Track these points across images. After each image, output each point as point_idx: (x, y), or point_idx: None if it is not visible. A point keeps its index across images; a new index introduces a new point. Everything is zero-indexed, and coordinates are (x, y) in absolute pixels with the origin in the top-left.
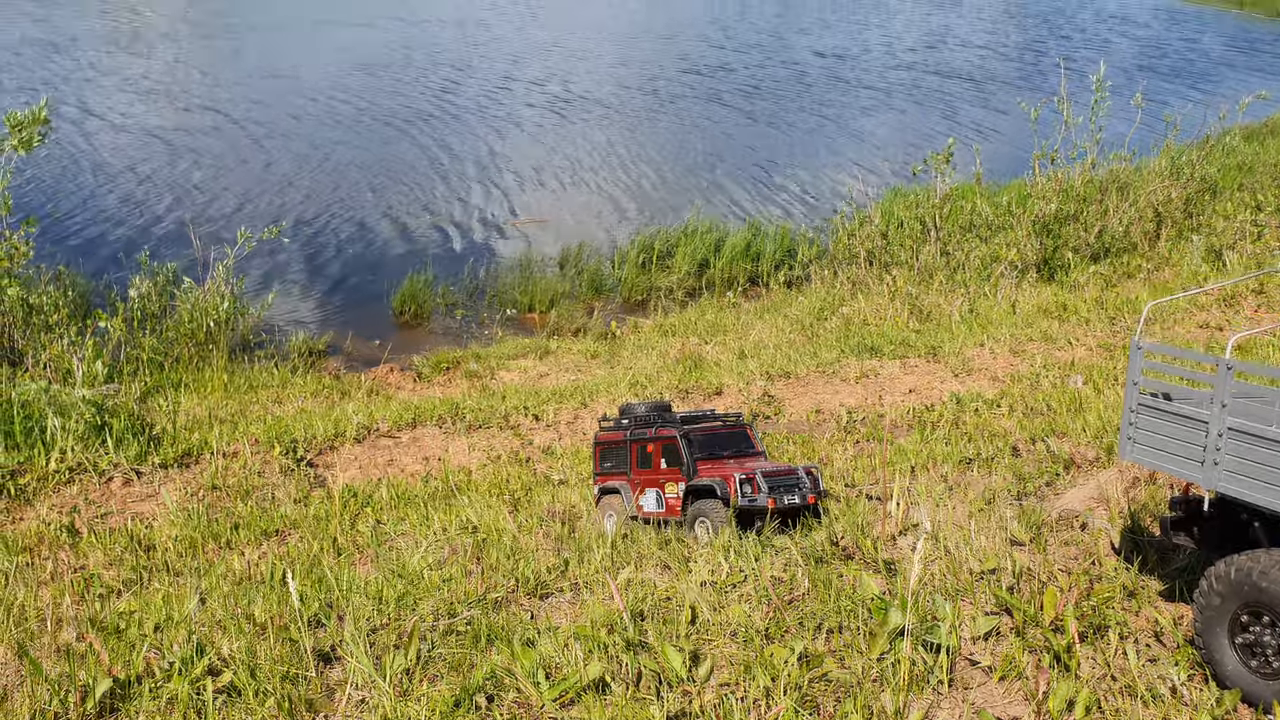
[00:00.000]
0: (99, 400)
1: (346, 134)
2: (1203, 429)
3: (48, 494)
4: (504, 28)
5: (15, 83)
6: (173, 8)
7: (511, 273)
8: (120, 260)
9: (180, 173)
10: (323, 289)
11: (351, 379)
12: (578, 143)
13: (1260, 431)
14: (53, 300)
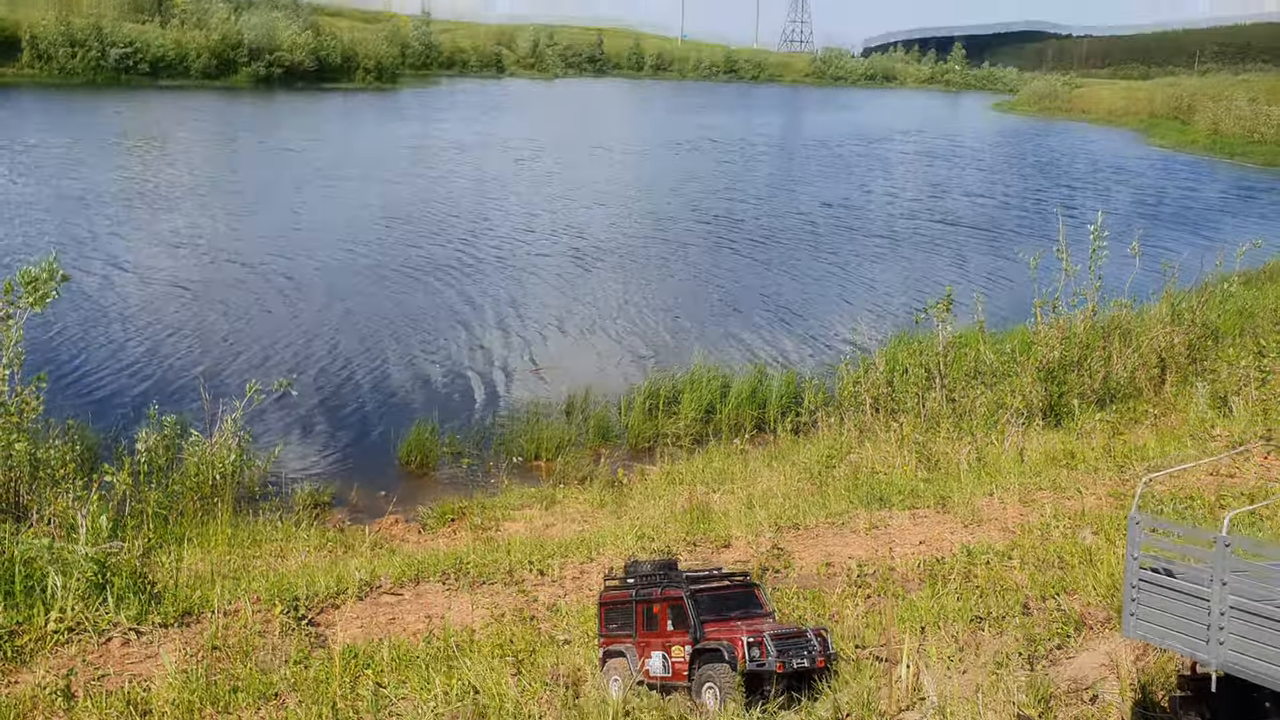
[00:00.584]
0: (101, 558)
1: (363, 284)
2: (1205, 606)
3: (45, 655)
4: (520, 182)
5: (45, 238)
6: (199, 166)
7: (518, 420)
8: (130, 412)
9: (199, 324)
10: (330, 439)
11: (356, 531)
12: (588, 290)
13: (1263, 610)
14: (60, 454)
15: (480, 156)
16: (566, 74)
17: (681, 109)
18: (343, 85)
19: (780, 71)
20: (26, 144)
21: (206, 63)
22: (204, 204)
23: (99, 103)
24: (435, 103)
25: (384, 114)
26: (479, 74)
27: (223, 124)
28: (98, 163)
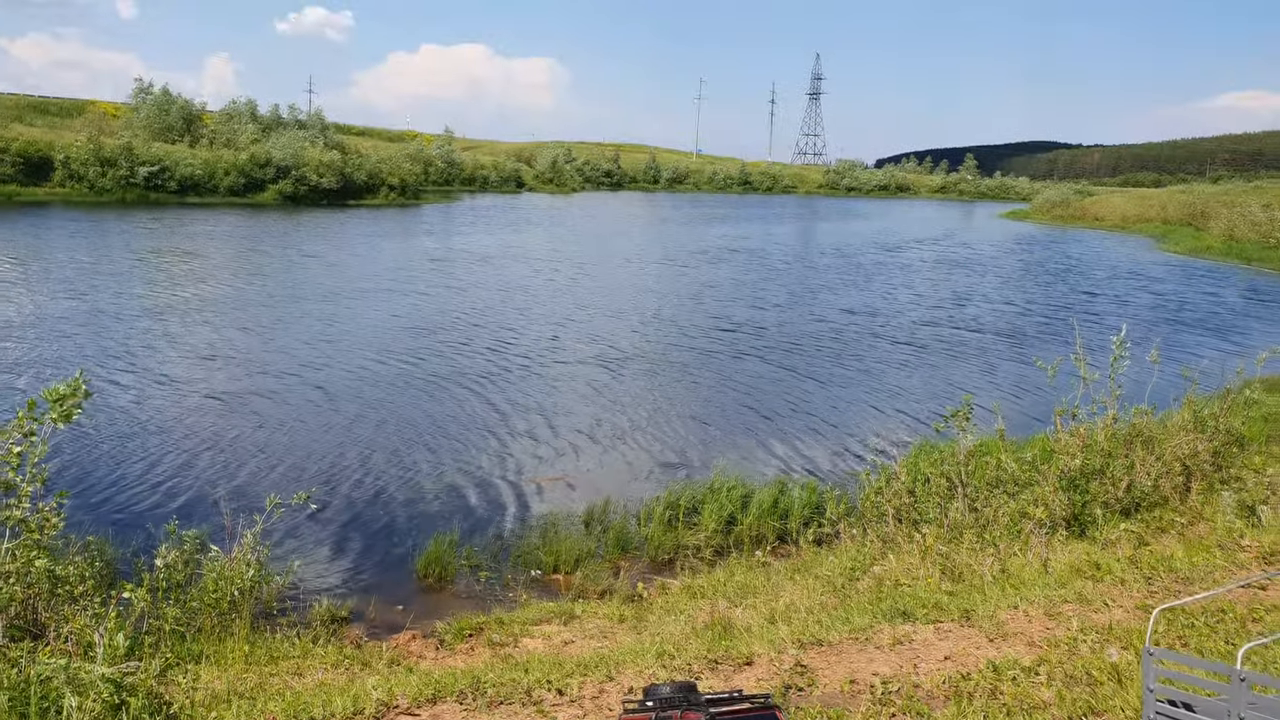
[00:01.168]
0: (118, 677)
1: (388, 393)
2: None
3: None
4: (542, 292)
5: (77, 352)
6: (228, 279)
7: (536, 532)
8: (151, 527)
9: (223, 436)
10: (349, 552)
11: (373, 648)
12: (609, 398)
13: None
14: (79, 570)
15: (503, 267)
16: (584, 188)
17: (698, 220)
18: (367, 202)
19: (795, 183)
20: (59, 260)
21: (234, 181)
22: (233, 316)
23: (128, 220)
24: (458, 217)
25: (408, 229)
26: (499, 189)
27: (251, 239)
28: (128, 278)
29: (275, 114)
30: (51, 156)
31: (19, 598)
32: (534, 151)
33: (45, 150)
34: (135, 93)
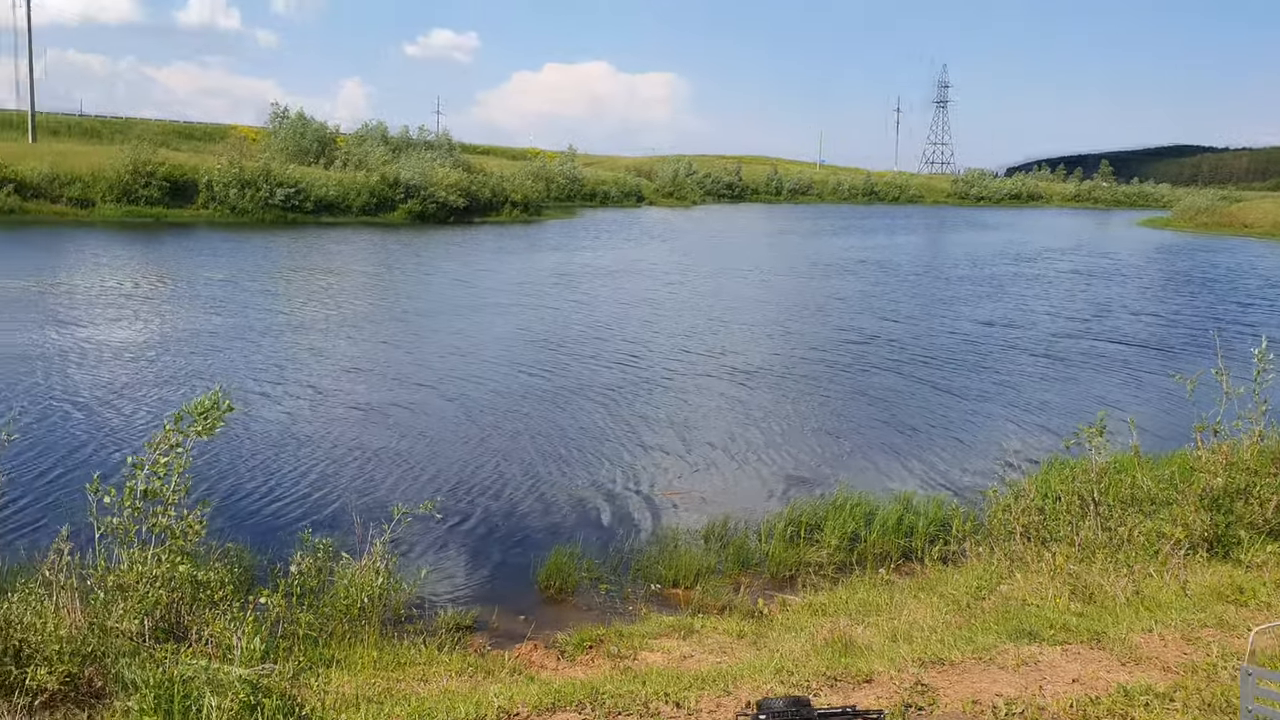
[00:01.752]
0: (254, 679)
1: (514, 406)
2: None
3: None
4: (666, 305)
5: (222, 366)
6: (362, 295)
7: (656, 546)
8: (286, 535)
9: (357, 447)
10: (474, 561)
11: (496, 657)
12: (733, 412)
13: None
14: (220, 576)
15: (626, 281)
16: (705, 201)
17: (823, 231)
18: (491, 219)
19: (921, 193)
20: (206, 279)
21: (366, 201)
22: (369, 331)
23: (268, 239)
24: (580, 232)
25: (532, 244)
26: (619, 204)
27: (383, 257)
28: (271, 294)
29: (405, 135)
30: (195, 179)
31: (164, 601)
32: (654, 166)
33: (190, 174)
34: (273, 117)
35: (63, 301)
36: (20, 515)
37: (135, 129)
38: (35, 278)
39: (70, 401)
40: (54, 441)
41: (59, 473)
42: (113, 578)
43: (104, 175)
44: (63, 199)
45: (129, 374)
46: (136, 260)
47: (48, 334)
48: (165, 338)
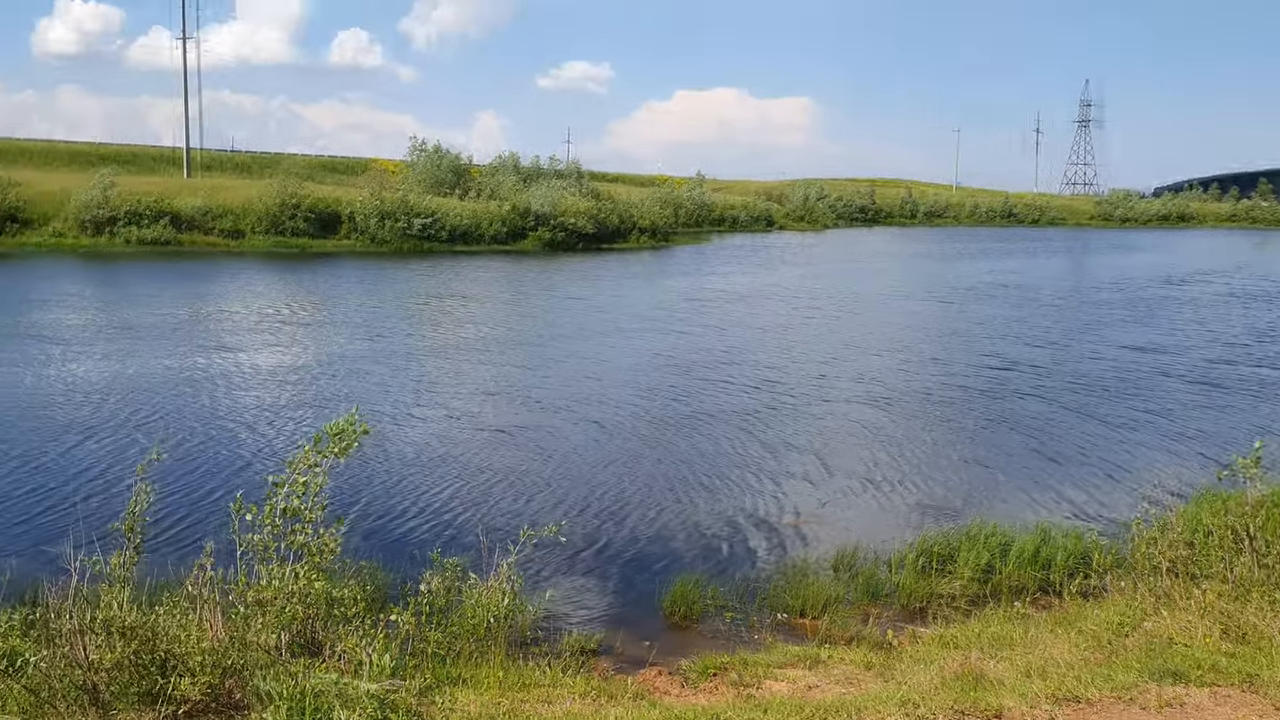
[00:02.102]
0: (381, 695)
1: (645, 430)
2: None
3: None
4: (799, 330)
5: (362, 389)
6: (495, 321)
7: (782, 575)
8: (417, 554)
9: (490, 468)
10: (600, 585)
11: (619, 681)
12: (866, 439)
13: None
14: (353, 593)
15: (758, 305)
16: (836, 225)
17: (960, 255)
18: (619, 246)
19: (1063, 215)
20: (350, 305)
21: (498, 229)
22: (504, 355)
23: (406, 268)
24: (709, 257)
25: (661, 270)
26: (749, 229)
27: (516, 283)
28: (411, 320)
29: (536, 165)
30: (339, 211)
31: (300, 616)
32: (785, 190)
33: (333, 206)
34: (412, 150)
35: (217, 328)
36: (170, 531)
37: (283, 164)
38: (191, 306)
39: (222, 423)
40: (205, 461)
41: (208, 491)
42: (252, 593)
43: (254, 208)
44: (215, 231)
45: (277, 397)
46: (285, 289)
47: (203, 359)
48: (312, 362)
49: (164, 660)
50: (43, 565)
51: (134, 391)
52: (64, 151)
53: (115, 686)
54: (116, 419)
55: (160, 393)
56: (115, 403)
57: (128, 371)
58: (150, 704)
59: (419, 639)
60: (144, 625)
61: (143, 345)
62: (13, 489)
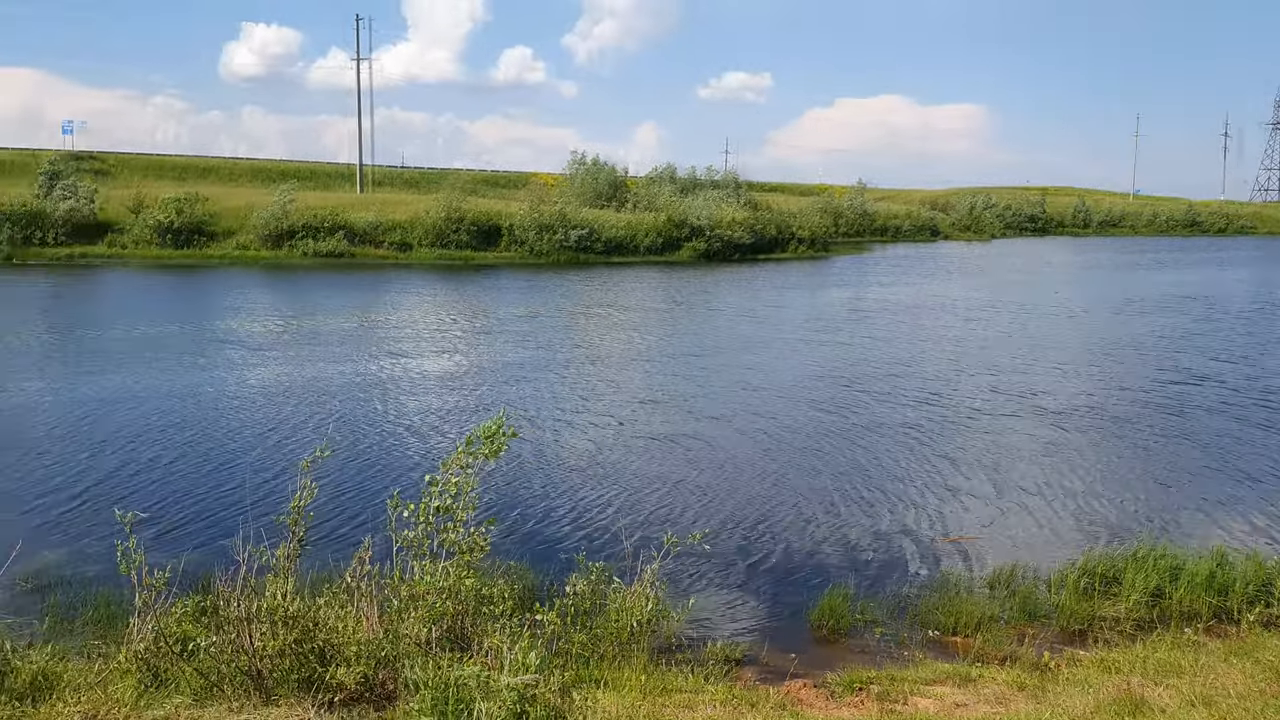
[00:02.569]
0: (521, 689)
1: (798, 440)
2: None
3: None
4: (968, 343)
5: (519, 395)
6: (651, 330)
7: (936, 592)
8: (564, 557)
9: (640, 475)
10: (747, 595)
11: (762, 691)
12: (1035, 455)
13: None
14: (501, 592)
15: (923, 317)
16: (1004, 235)
17: (1137, 265)
18: (776, 256)
19: (1253, 223)
20: (510, 315)
21: (653, 240)
22: (660, 365)
23: (562, 279)
24: (870, 267)
25: (820, 280)
26: (912, 239)
27: (670, 293)
28: (564, 329)
29: (692, 176)
30: (499, 224)
31: (450, 612)
32: (950, 198)
33: (494, 219)
34: (571, 164)
35: (386, 336)
36: (332, 526)
37: (449, 179)
38: (363, 315)
39: (389, 426)
40: (370, 461)
41: (370, 489)
42: (406, 588)
43: (421, 222)
44: (385, 244)
45: (442, 401)
46: (449, 299)
47: (373, 365)
48: (474, 368)
49: (322, 649)
50: (217, 556)
51: (309, 395)
52: (246, 168)
53: (277, 673)
54: (293, 420)
55: (332, 396)
56: (292, 405)
57: (304, 375)
58: (309, 691)
59: (563, 639)
60: (305, 615)
61: (318, 351)
62: (194, 486)
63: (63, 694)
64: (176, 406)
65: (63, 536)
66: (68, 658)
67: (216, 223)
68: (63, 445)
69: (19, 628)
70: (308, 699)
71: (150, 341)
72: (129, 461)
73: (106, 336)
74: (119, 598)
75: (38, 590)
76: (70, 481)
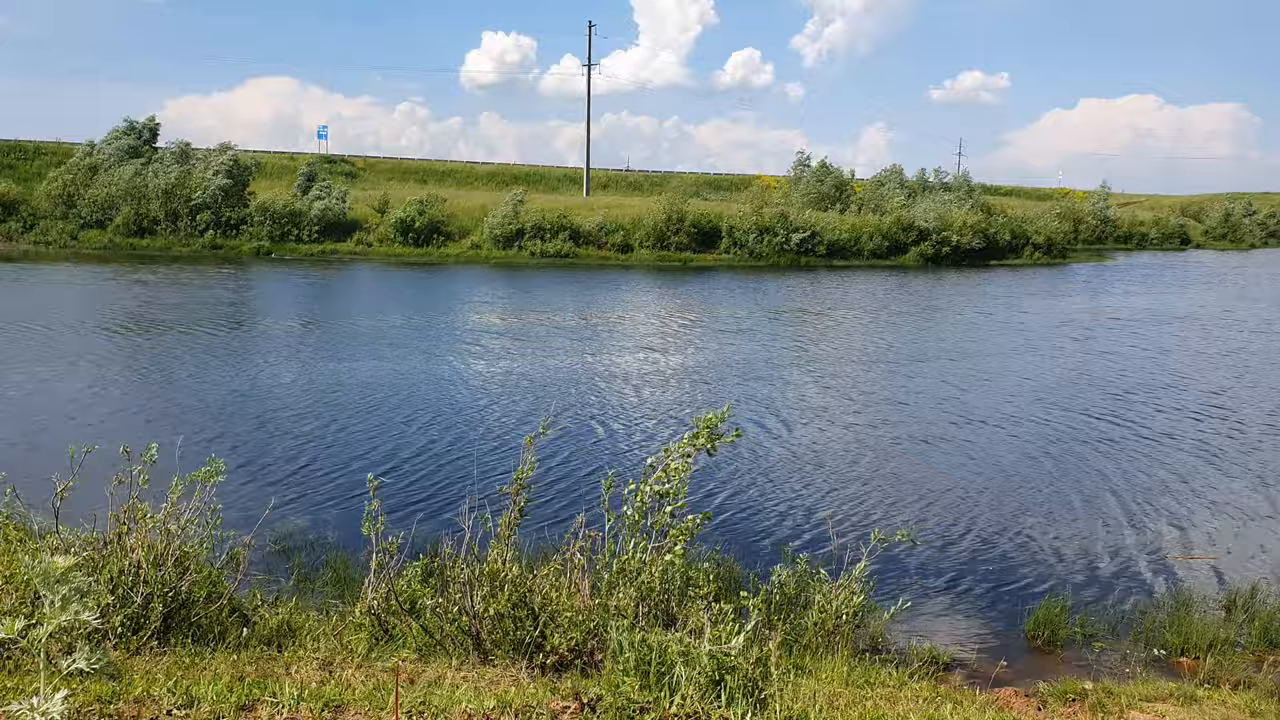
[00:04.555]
0: (720, 658)
1: (1022, 449)
2: None
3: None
4: (1242, 359)
5: (735, 394)
6: (872, 335)
7: (1163, 610)
8: (770, 548)
9: (853, 475)
10: (958, 600)
11: (968, 693)
12: (1273, 475)
13: None
14: (706, 574)
15: (1182, 328)
16: (1267, 244)
17: None
18: (1009, 262)
19: None
20: (727, 315)
21: (878, 244)
22: (890, 369)
23: (783, 281)
24: (1112, 276)
25: (1060, 287)
26: (1159, 247)
27: (893, 299)
28: (787, 329)
29: (921, 178)
30: (719, 226)
31: (657, 589)
32: (1203, 205)
33: (714, 221)
34: (795, 165)
35: (605, 332)
36: (553, 503)
37: (671, 182)
38: (585, 313)
39: (605, 415)
40: (589, 446)
41: (586, 471)
42: (617, 563)
43: (642, 224)
44: (607, 245)
45: (658, 396)
46: (666, 298)
47: (592, 359)
48: (692, 366)
49: (537, 616)
50: (446, 526)
51: (534, 384)
52: (481, 172)
53: (495, 635)
54: (520, 407)
55: (555, 386)
56: (519, 393)
57: (529, 367)
58: (522, 654)
59: (767, 625)
60: (523, 582)
61: (541, 345)
62: (427, 463)
63: (303, 641)
64: (417, 391)
65: (307, 505)
66: (309, 611)
67: (453, 223)
68: (309, 424)
69: (268, 584)
70: (521, 661)
71: (394, 331)
72: (369, 439)
73: (356, 326)
74: (355, 561)
75: (284, 552)
76: (315, 457)
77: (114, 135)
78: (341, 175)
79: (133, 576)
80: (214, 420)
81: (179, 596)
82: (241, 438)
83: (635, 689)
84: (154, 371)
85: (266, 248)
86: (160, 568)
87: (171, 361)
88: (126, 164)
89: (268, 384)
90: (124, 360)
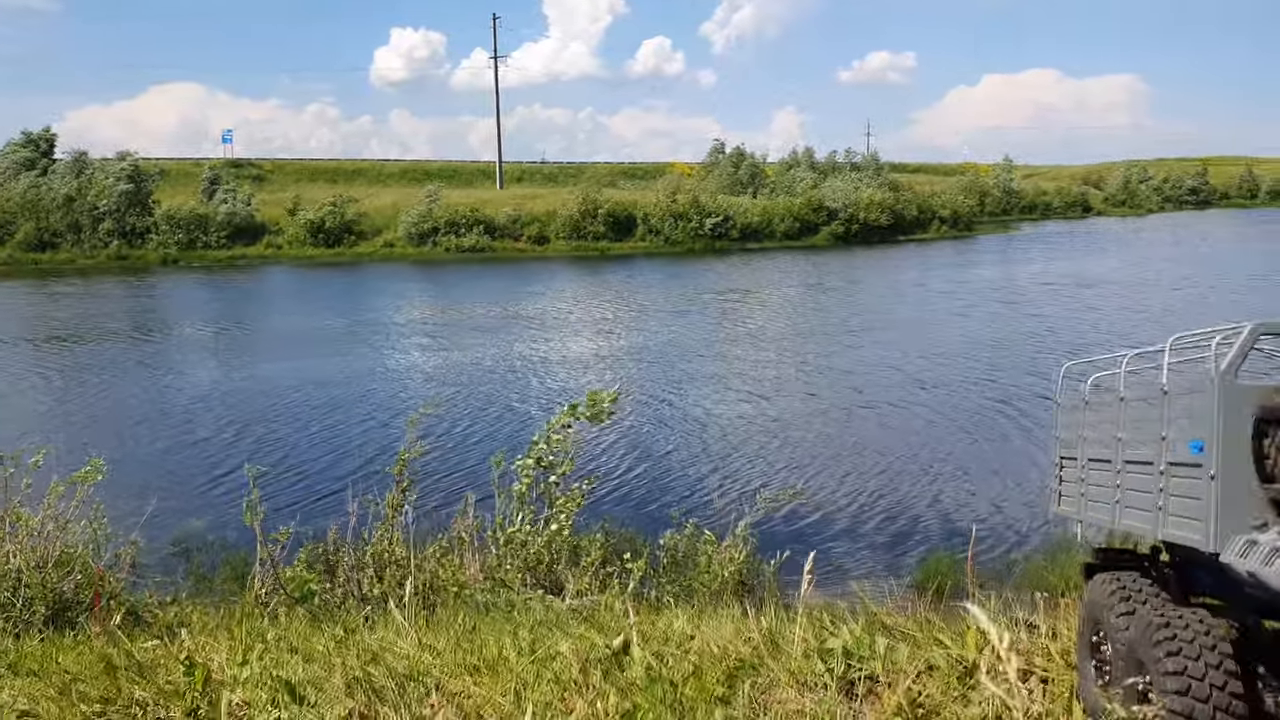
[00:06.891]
0: (578, 609)
1: (914, 418)
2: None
3: None
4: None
5: (676, 376)
6: (785, 314)
7: (1046, 556)
8: (657, 513)
9: (745, 445)
10: (848, 556)
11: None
12: None
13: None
14: (593, 542)
15: (1078, 294)
16: (1162, 209)
17: None
18: (917, 237)
19: None
20: (646, 301)
21: (789, 225)
22: (786, 346)
23: (697, 266)
24: (1018, 246)
25: (964, 258)
26: (1062, 216)
27: (806, 278)
28: (697, 315)
29: (831, 159)
30: (634, 214)
31: (545, 559)
32: (1103, 173)
33: (629, 209)
34: (711, 152)
35: (522, 322)
36: (445, 483)
37: (587, 173)
38: (501, 305)
39: (519, 399)
40: (492, 430)
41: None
42: (505, 536)
43: (557, 215)
44: (523, 237)
45: (569, 381)
46: (585, 288)
47: (507, 349)
48: (607, 352)
49: (425, 593)
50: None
51: (446, 375)
52: (394, 170)
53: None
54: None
55: (469, 376)
56: (434, 384)
57: (442, 360)
58: None
59: (653, 587)
60: (408, 561)
61: (461, 338)
62: (333, 456)
63: (192, 632)
64: (329, 389)
65: (206, 506)
66: (204, 608)
67: (365, 222)
68: (214, 428)
69: (166, 585)
70: None
71: (306, 333)
72: (276, 438)
73: (269, 329)
74: (254, 557)
75: (183, 553)
76: (220, 460)
77: (10, 149)
78: (249, 179)
79: (14, 580)
80: (116, 428)
81: (61, 599)
82: (143, 444)
83: None
84: (59, 381)
85: (174, 255)
86: (41, 570)
87: (79, 373)
88: (22, 177)
89: (174, 392)
90: (30, 372)
